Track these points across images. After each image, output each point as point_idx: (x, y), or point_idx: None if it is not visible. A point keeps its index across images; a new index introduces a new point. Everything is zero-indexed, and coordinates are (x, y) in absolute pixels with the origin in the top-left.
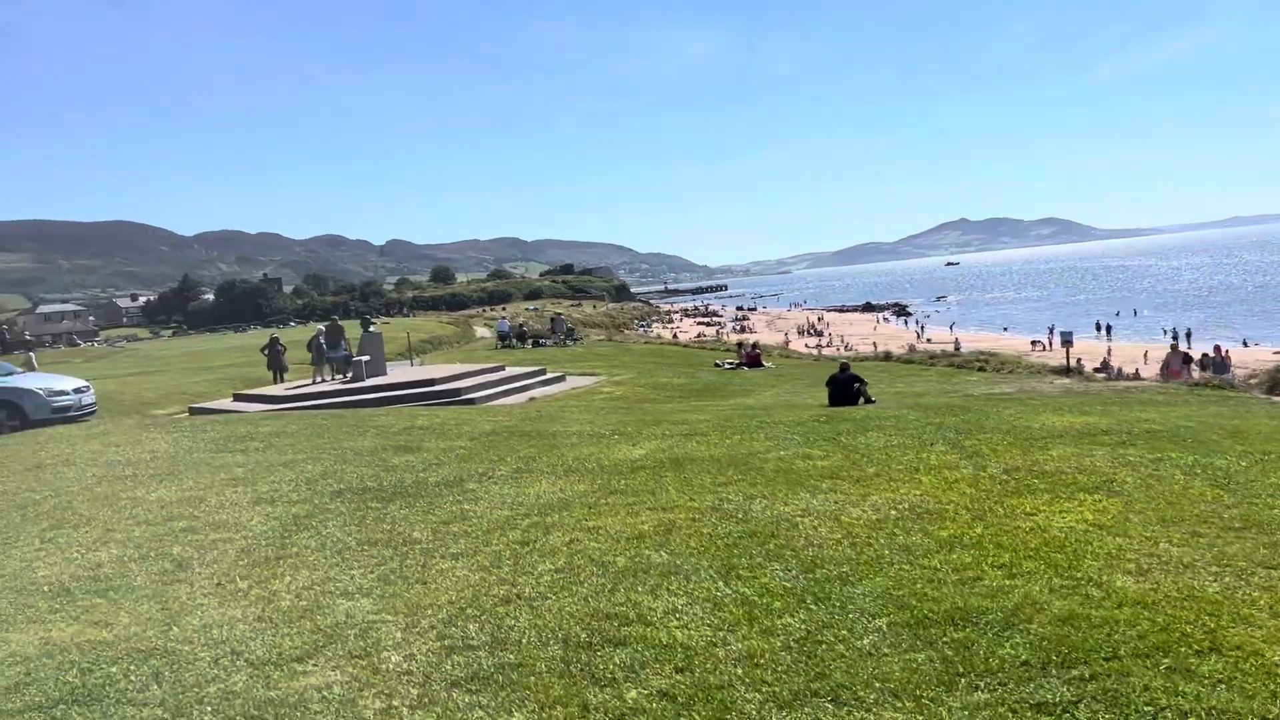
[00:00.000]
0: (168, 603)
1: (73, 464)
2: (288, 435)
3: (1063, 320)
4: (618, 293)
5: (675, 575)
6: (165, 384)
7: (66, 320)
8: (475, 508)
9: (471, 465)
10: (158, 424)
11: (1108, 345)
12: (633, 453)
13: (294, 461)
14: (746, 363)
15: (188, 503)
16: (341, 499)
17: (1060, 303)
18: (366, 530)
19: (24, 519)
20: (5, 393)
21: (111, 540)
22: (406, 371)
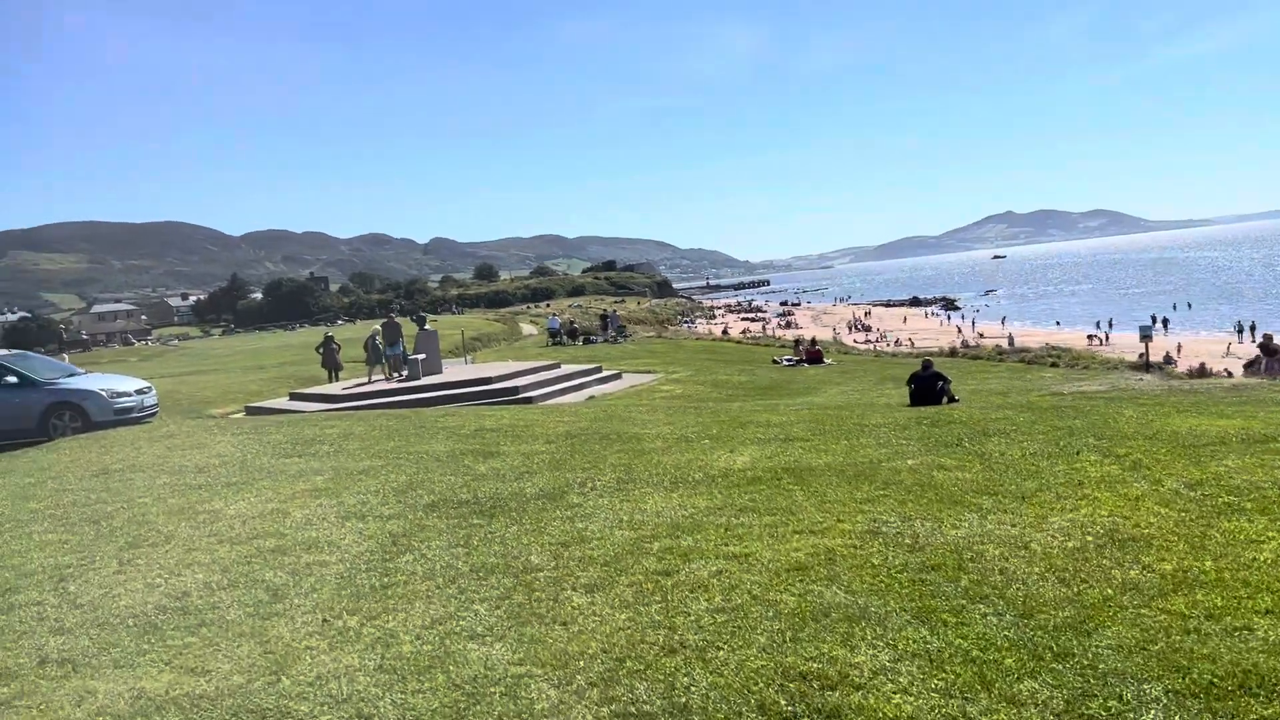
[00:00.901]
0: (269, 644)
1: (140, 470)
2: (356, 438)
3: (1116, 314)
4: (660, 289)
5: (864, 620)
6: (221, 383)
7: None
8: (590, 527)
9: (565, 474)
10: (220, 426)
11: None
12: (734, 460)
13: (373, 469)
14: (807, 359)
15: (270, 517)
16: (437, 514)
17: (1112, 296)
18: (476, 553)
19: (98, 535)
20: (68, 394)
21: (195, 562)
22: (462, 370)
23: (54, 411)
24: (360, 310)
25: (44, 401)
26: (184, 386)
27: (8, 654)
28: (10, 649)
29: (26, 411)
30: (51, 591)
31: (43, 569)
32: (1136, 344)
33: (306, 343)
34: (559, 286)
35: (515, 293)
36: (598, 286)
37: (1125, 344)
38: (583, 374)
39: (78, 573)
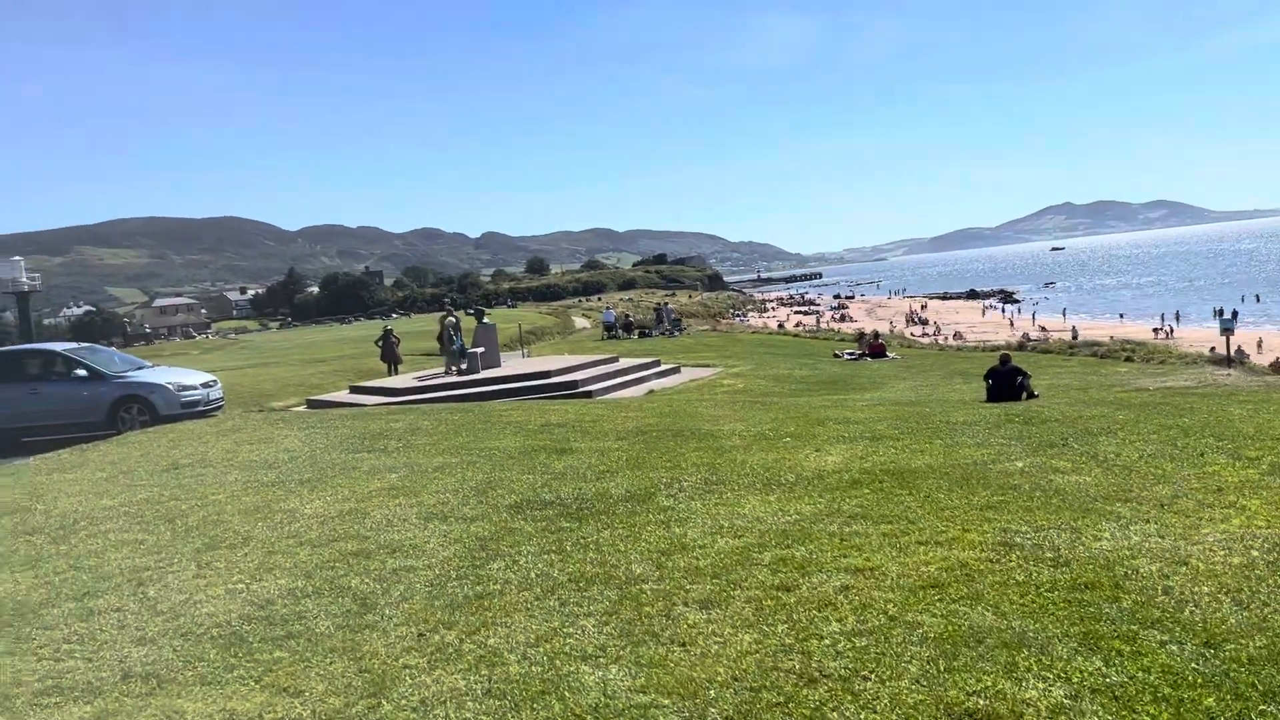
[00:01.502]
0: (364, 660)
1: (210, 465)
2: (423, 433)
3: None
4: (711, 282)
5: (1024, 647)
6: (281, 376)
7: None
8: (690, 533)
9: (648, 474)
10: (285, 419)
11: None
12: (825, 461)
13: (447, 466)
14: (869, 353)
15: (349, 517)
16: (523, 516)
17: (1175, 288)
18: (571, 560)
19: (174, 534)
20: (137, 388)
21: (276, 566)
22: (519, 363)
23: (122, 405)
24: (414, 304)
25: (113, 395)
26: (245, 379)
27: (90, 666)
28: (92, 660)
29: (96, 404)
30: (131, 596)
31: (120, 571)
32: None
33: (363, 336)
34: (610, 280)
35: (566, 286)
36: (648, 279)
37: (1192, 337)
38: (641, 368)
39: (156, 576)
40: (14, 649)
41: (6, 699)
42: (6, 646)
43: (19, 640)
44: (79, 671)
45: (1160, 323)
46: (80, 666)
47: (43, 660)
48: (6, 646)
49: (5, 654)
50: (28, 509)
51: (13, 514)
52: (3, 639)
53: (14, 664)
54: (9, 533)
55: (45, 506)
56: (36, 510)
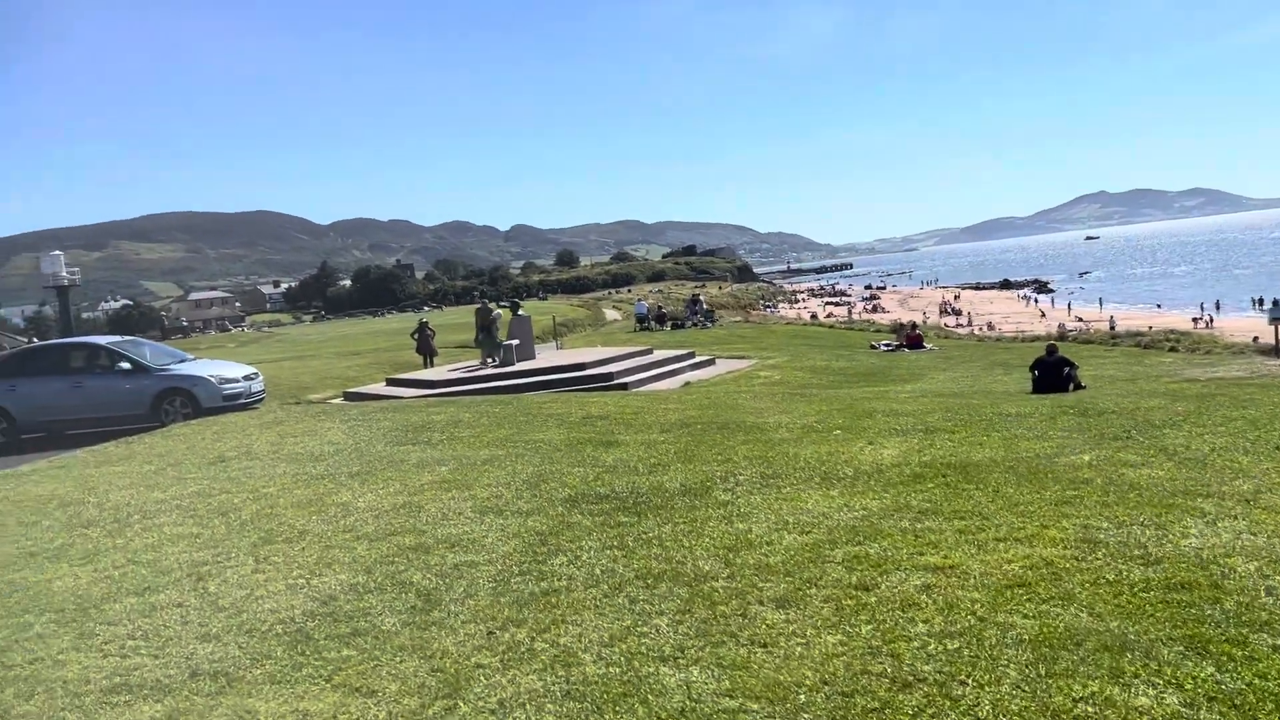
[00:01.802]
0: (435, 659)
1: (256, 458)
2: (465, 425)
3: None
4: (740, 273)
5: (1127, 651)
6: (318, 369)
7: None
8: (755, 529)
9: (700, 467)
10: (325, 412)
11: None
12: (881, 454)
13: (496, 459)
14: (907, 344)
15: (404, 511)
16: (579, 510)
17: (1213, 277)
18: (634, 556)
19: (229, 528)
20: (179, 380)
21: (335, 561)
22: (554, 355)
23: (166, 397)
24: (446, 297)
25: (156, 387)
26: (282, 372)
27: (157, 663)
28: (159, 657)
29: (139, 397)
30: (191, 591)
31: (179, 565)
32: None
33: (397, 329)
34: (639, 272)
35: (596, 278)
36: (678, 271)
37: (1233, 327)
38: (676, 360)
39: (215, 570)
40: (79, 645)
41: (76, 697)
42: (71, 642)
43: (83, 636)
44: (146, 669)
45: (1200, 312)
46: (147, 663)
47: (109, 657)
48: (71, 642)
49: (71, 650)
50: (80, 502)
51: (66, 507)
52: (67, 634)
53: (81, 660)
54: (64, 526)
55: (98, 499)
56: (89, 503)
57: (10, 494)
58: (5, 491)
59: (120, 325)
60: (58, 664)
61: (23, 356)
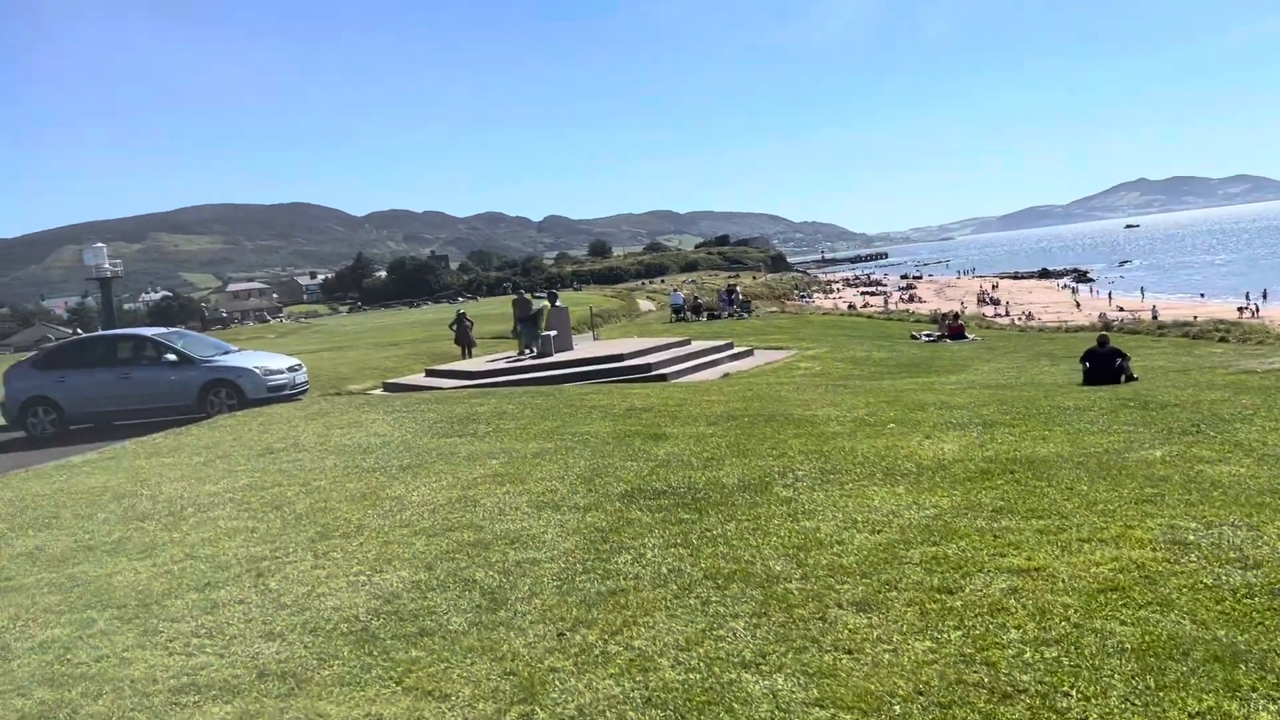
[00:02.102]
0: (506, 661)
1: (304, 449)
2: (510, 417)
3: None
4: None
5: (1240, 663)
6: (356, 359)
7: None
8: (823, 527)
9: (755, 461)
10: (369, 403)
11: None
12: (941, 449)
13: (545, 452)
14: (949, 334)
15: (459, 506)
16: (637, 505)
17: (1258, 265)
18: (700, 555)
19: (284, 522)
20: (225, 371)
21: (395, 557)
22: (591, 346)
23: (211, 389)
24: (479, 287)
25: (202, 379)
26: (321, 363)
27: (223, 662)
28: (224, 656)
29: (185, 388)
30: (252, 588)
31: (237, 560)
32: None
33: (434, 319)
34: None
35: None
36: (711, 261)
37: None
38: (714, 350)
39: (275, 566)
40: (144, 642)
41: (145, 697)
42: (136, 639)
43: (147, 633)
44: (213, 668)
45: (1245, 301)
46: (214, 662)
47: (174, 655)
48: (136, 639)
49: (136, 647)
50: (134, 494)
51: (120, 499)
52: (131, 631)
53: (146, 658)
54: (119, 519)
55: (150, 492)
56: (142, 495)
57: (65, 486)
58: (59, 483)
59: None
60: (124, 662)
61: (71, 348)
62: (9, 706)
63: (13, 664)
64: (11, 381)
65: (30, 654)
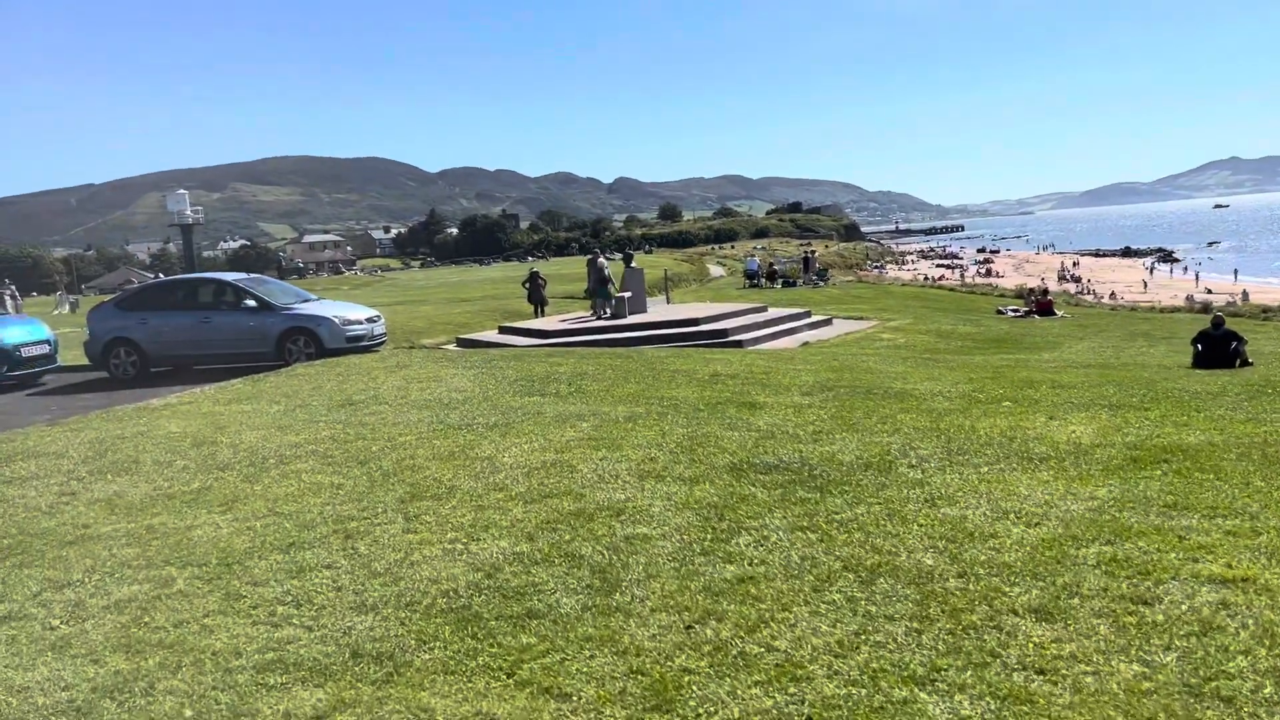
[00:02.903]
0: (629, 656)
1: (385, 403)
2: (590, 378)
3: None
4: (847, 232)
5: None
6: (429, 314)
7: (328, 250)
8: (969, 516)
9: (869, 437)
10: (448, 358)
11: None
12: (1072, 432)
13: (636, 416)
14: (1037, 310)
15: (555, 470)
16: (747, 479)
17: None
18: (834, 543)
19: (371, 480)
20: (304, 320)
21: (491, 525)
22: (665, 309)
23: (289, 336)
24: (550, 247)
25: (281, 326)
26: (395, 316)
27: (312, 637)
28: (313, 630)
29: (264, 335)
30: (340, 551)
31: (323, 519)
32: None
33: (504, 277)
34: (742, 228)
35: (698, 233)
36: (782, 228)
37: None
38: (792, 318)
39: (364, 529)
40: (225, 608)
41: (228, 673)
42: (217, 604)
43: (229, 597)
44: (301, 644)
45: None
46: (301, 637)
47: (259, 624)
48: (217, 604)
49: (218, 613)
50: (213, 441)
51: (200, 446)
52: (213, 594)
53: (229, 627)
54: (199, 467)
55: (230, 440)
56: (222, 443)
57: (145, 429)
58: (139, 427)
59: (239, 264)
60: (205, 629)
61: (152, 291)
62: (81, 675)
63: (87, 624)
64: (95, 322)
65: (106, 614)
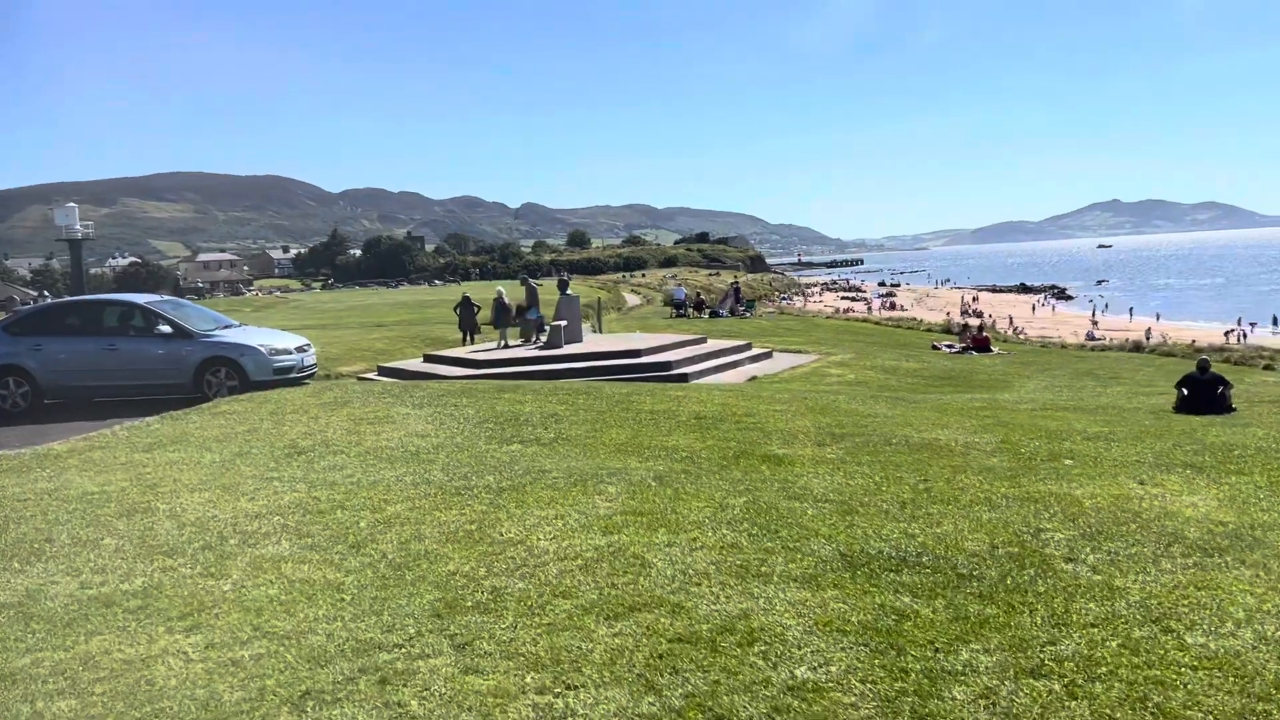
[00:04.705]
0: None
1: (339, 450)
2: (564, 420)
3: (1245, 309)
4: (753, 263)
5: None
6: (345, 340)
7: (224, 269)
8: (1237, 648)
9: (967, 512)
10: (388, 391)
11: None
12: (1199, 505)
13: (667, 478)
14: (974, 346)
15: (616, 563)
16: (880, 582)
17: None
18: (1084, 696)
19: (380, 579)
20: (226, 348)
21: (580, 658)
22: (600, 339)
23: (209, 367)
24: (456, 271)
25: (199, 355)
26: None
27: None
28: None
29: (179, 365)
30: (382, 709)
31: (338, 648)
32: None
33: (417, 301)
34: (651, 256)
35: (608, 260)
36: (690, 258)
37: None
38: (733, 350)
39: (401, 664)
40: None
41: None
42: None
43: None
44: None
45: (1237, 325)
46: None
47: None
48: None
49: None
50: (147, 508)
51: (130, 515)
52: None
53: None
54: (137, 549)
55: (168, 505)
56: (159, 511)
57: (51, 487)
58: (44, 483)
59: (128, 283)
60: None
61: (48, 313)
62: None
63: None
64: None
65: None
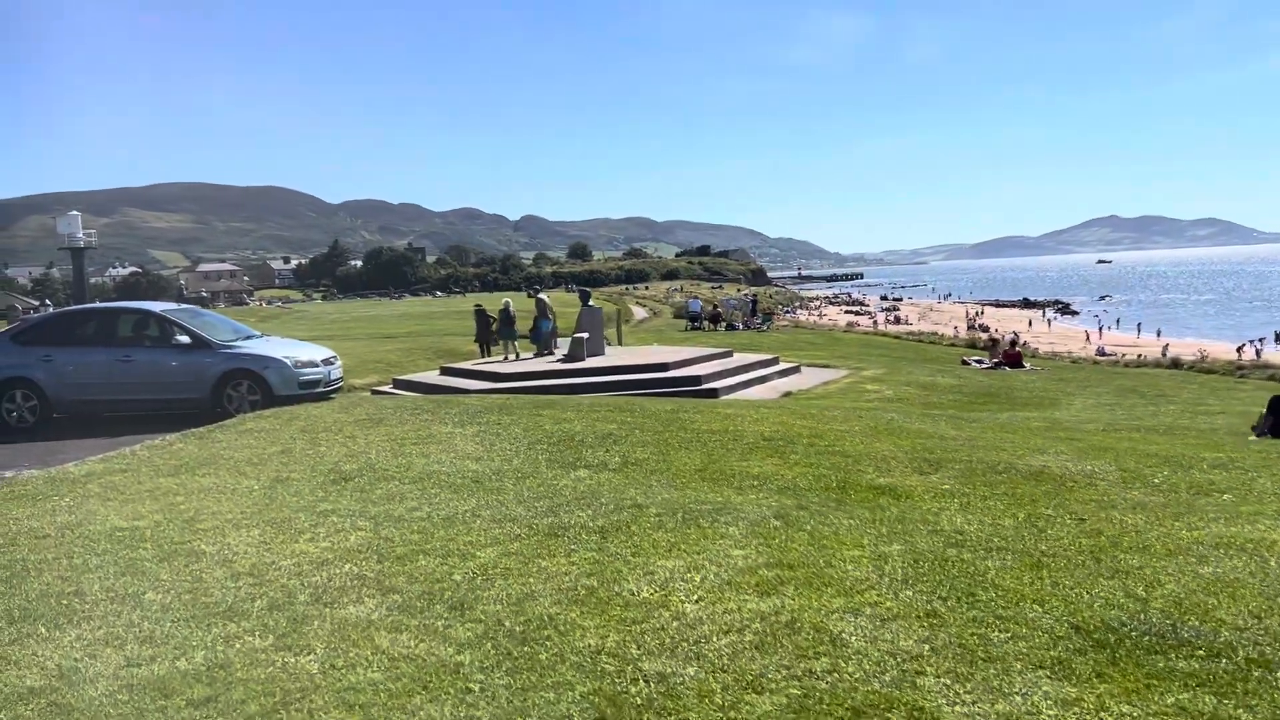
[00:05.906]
0: None
1: (389, 477)
2: (622, 440)
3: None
4: (754, 276)
5: None
6: (355, 351)
7: (224, 279)
8: None
9: (1185, 566)
10: (422, 407)
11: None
12: None
13: (791, 516)
14: (1006, 362)
15: (797, 640)
16: (1144, 670)
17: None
18: None
19: (508, 659)
20: (248, 360)
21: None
22: (622, 353)
23: (230, 379)
24: (457, 282)
25: (220, 367)
26: None
27: None
28: None
29: (199, 378)
30: None
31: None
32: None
33: (422, 313)
34: (652, 269)
35: (609, 273)
36: (691, 271)
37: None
38: (760, 364)
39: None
40: None
41: None
42: None
43: None
44: None
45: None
46: None
47: None
48: None
49: None
50: (190, 550)
51: (170, 559)
52: None
53: None
54: (189, 609)
55: (215, 547)
56: (205, 554)
57: (71, 521)
58: (65, 515)
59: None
60: None
61: (61, 321)
62: None
63: None
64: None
65: None
